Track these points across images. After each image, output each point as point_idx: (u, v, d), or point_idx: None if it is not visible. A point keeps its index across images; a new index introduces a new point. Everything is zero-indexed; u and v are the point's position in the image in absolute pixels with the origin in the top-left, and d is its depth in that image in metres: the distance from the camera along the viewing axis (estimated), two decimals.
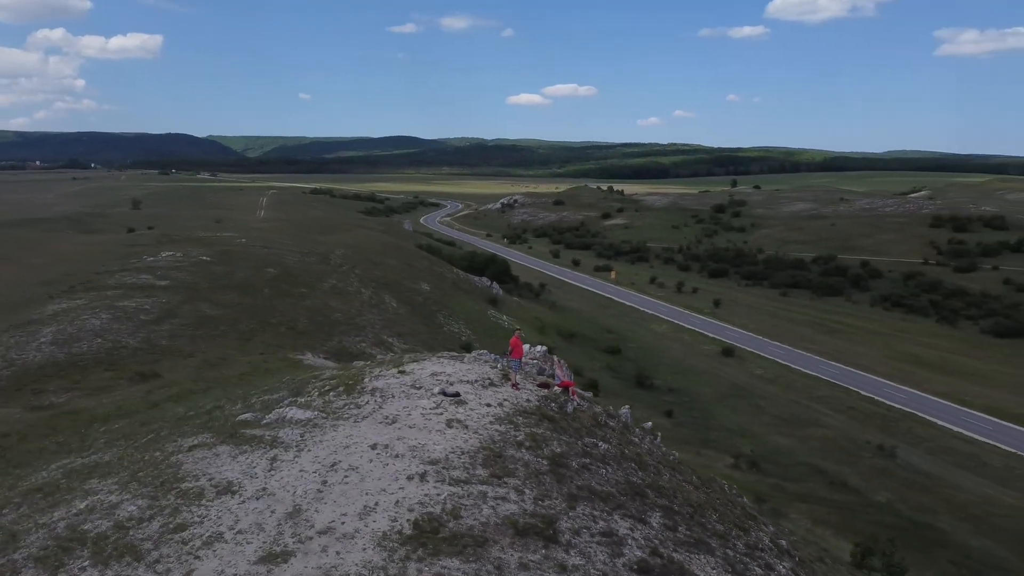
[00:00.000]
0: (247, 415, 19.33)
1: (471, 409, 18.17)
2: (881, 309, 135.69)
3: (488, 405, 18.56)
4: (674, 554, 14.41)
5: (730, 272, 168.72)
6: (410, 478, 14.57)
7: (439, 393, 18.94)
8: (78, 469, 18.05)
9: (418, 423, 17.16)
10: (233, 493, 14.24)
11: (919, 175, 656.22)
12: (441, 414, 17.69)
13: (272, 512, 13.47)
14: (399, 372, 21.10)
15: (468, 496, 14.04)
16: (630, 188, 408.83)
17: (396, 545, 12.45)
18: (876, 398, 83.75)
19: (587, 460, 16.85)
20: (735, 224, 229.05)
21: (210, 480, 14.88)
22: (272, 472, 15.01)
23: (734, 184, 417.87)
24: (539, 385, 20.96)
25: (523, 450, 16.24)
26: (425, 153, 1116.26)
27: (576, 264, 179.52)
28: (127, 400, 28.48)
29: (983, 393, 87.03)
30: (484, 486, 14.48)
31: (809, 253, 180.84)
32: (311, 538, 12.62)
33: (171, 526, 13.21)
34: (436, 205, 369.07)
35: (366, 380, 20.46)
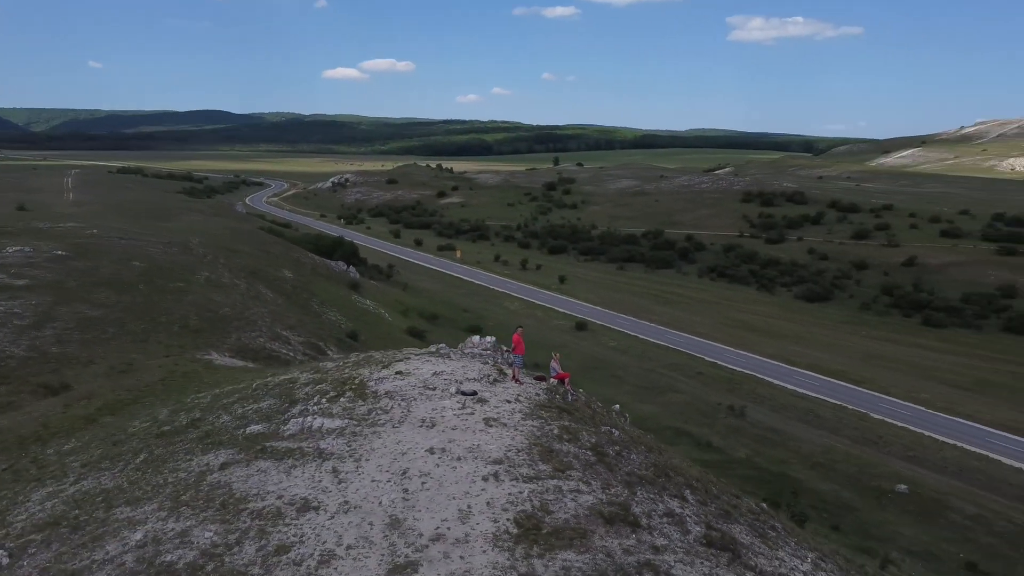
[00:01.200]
0: (255, 427, 18.82)
1: (496, 407, 18.82)
2: (708, 280, 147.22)
3: (508, 401, 19.29)
4: (721, 526, 16.05)
5: (568, 248, 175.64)
6: (485, 479, 15.14)
7: (457, 393, 19.40)
8: (84, 498, 16.90)
9: (458, 424, 17.62)
10: (316, 509, 14.17)
11: (720, 152, 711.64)
12: (472, 414, 18.22)
13: (371, 525, 13.62)
14: (398, 374, 21.23)
15: (547, 491, 14.87)
16: (459, 165, 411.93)
17: (511, 544, 13.11)
18: (719, 363, 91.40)
19: (617, 447, 18.11)
20: (567, 201, 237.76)
21: (279, 498, 14.65)
22: (343, 484, 15.01)
23: (556, 162, 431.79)
24: (536, 378, 21.90)
25: (565, 443, 17.20)
26: (239, 129, 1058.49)
27: (419, 244, 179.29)
28: (50, 417, 26.21)
29: (805, 352, 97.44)
30: (554, 480, 15.35)
31: (638, 228, 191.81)
32: (426, 546, 12.98)
33: (270, 549, 13.05)
34: (259, 184, 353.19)
35: (370, 383, 20.46)
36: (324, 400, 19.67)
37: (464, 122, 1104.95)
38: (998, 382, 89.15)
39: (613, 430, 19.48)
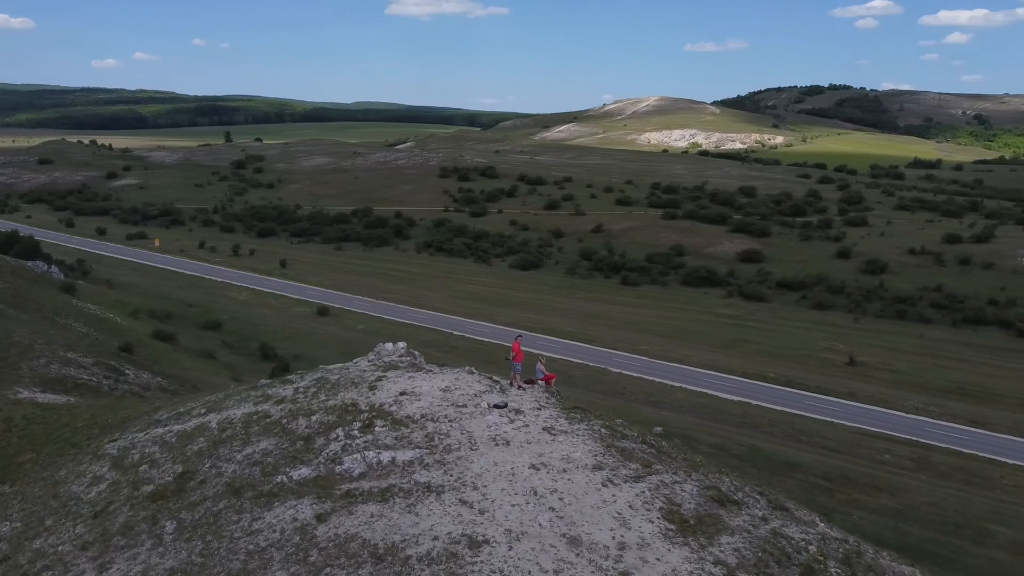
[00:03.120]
0: (302, 471, 17.65)
1: (536, 415, 19.73)
2: (427, 255, 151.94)
3: (537, 409, 20.25)
4: (759, 497, 19.04)
5: (278, 231, 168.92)
6: (604, 485, 16.35)
7: (492, 407, 19.90)
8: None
9: (528, 438, 18.30)
10: (487, 543, 14.33)
11: (394, 126, 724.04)
12: (527, 426, 18.99)
13: (554, 547, 14.26)
14: (403, 395, 20.95)
15: (660, 487, 16.56)
16: (116, 141, 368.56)
17: (682, 539, 14.72)
18: (467, 335, 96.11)
19: (642, 440, 20.20)
20: (261, 180, 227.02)
21: (435, 539, 14.48)
22: (487, 514, 15.21)
23: (228, 137, 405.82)
24: (526, 382, 22.91)
25: (621, 440, 18.90)
26: None
27: (102, 233, 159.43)
28: None
29: (538, 319, 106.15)
30: (653, 476, 17.05)
31: (343, 206, 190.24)
32: (621, 556, 14.08)
33: None
34: None
35: (389, 409, 20.02)
36: (357, 432, 18.95)
37: (109, 91, 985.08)
38: (693, 329, 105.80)
39: (616, 420, 21.50)
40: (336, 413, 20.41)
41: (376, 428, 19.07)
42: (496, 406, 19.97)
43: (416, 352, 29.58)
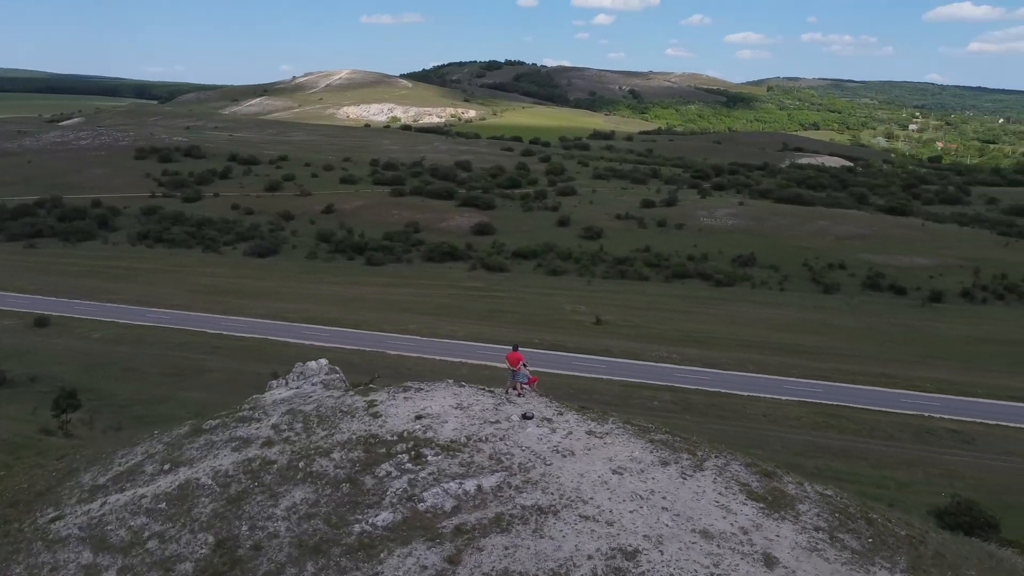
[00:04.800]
0: (382, 515, 16.73)
1: (565, 422, 20.45)
2: (144, 247, 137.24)
3: (560, 414, 21.02)
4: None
5: None
6: (682, 478, 17.78)
7: (522, 418, 20.22)
8: None
9: (586, 446, 18.90)
10: (636, 552, 15.13)
11: (43, 98, 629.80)
12: (571, 433, 19.61)
13: (694, 543, 15.42)
14: (418, 418, 20.39)
15: (722, 471, 18.43)
16: None
17: (778, 514, 16.84)
18: (224, 333, 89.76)
19: (663, 431, 21.96)
20: None
21: (589, 558, 14.88)
22: (614, 525, 15.82)
23: None
24: (514, 388, 23.23)
25: (650, 433, 20.46)
26: None
27: None
28: None
29: (295, 308, 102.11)
30: (707, 462, 18.88)
31: (22, 196, 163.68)
32: (751, 540, 15.76)
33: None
34: None
35: (424, 435, 19.47)
36: (410, 465, 18.23)
37: None
38: (450, 304, 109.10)
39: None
40: (359, 448, 19.40)
41: (429, 458, 18.57)
42: (526, 417, 20.41)
43: (337, 368, 28.46)
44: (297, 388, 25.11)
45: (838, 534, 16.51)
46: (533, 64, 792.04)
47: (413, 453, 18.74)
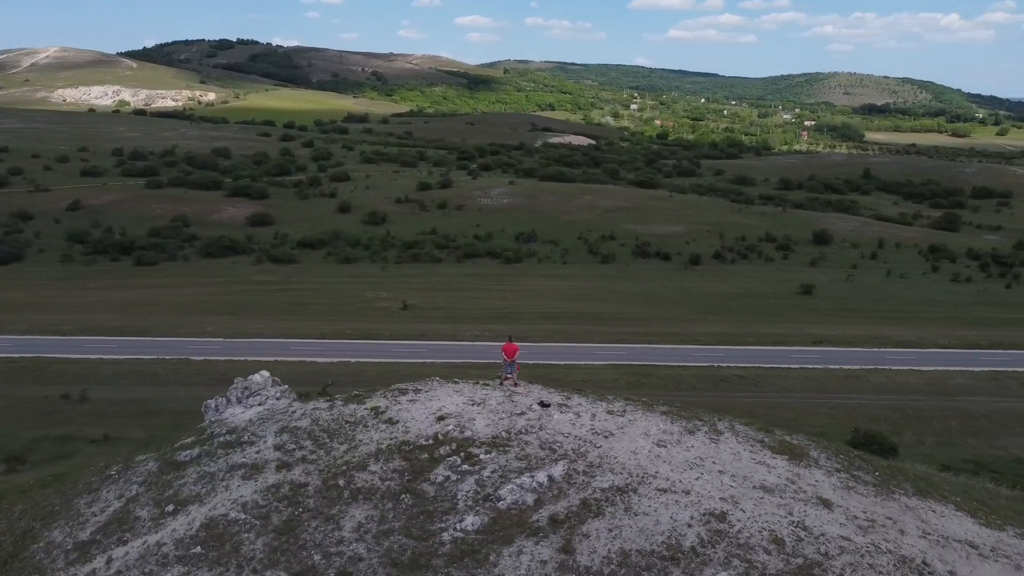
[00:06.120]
0: (468, 520, 16.57)
1: (580, 406, 21.30)
2: None
3: (567, 399, 21.81)
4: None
5: None
6: (713, 442, 19.53)
7: (540, 406, 20.68)
8: None
9: (618, 425, 19.89)
10: (724, 514, 16.57)
11: None
12: (596, 416, 20.45)
13: (761, 499, 17.16)
14: (440, 420, 20.14)
15: (740, 433, 20.47)
16: None
17: (806, 464, 19.19)
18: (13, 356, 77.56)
19: (672, 403, 23.49)
20: None
21: (689, 526, 16.11)
22: (691, 494, 17.04)
23: None
24: (508, 379, 23.40)
25: (662, 406, 21.97)
26: None
27: None
28: None
29: (64, 319, 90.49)
30: (721, 424, 20.83)
31: None
32: (801, 488, 17.86)
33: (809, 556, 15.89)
34: None
35: (461, 435, 19.31)
36: (467, 466, 18.09)
37: None
38: (244, 300, 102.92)
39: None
40: (397, 457, 18.89)
41: (481, 457, 18.57)
42: (544, 404, 20.97)
43: (278, 378, 26.94)
44: (262, 405, 23.36)
45: (853, 471, 19.19)
46: (268, 44, 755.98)
47: (463, 455, 18.62)
